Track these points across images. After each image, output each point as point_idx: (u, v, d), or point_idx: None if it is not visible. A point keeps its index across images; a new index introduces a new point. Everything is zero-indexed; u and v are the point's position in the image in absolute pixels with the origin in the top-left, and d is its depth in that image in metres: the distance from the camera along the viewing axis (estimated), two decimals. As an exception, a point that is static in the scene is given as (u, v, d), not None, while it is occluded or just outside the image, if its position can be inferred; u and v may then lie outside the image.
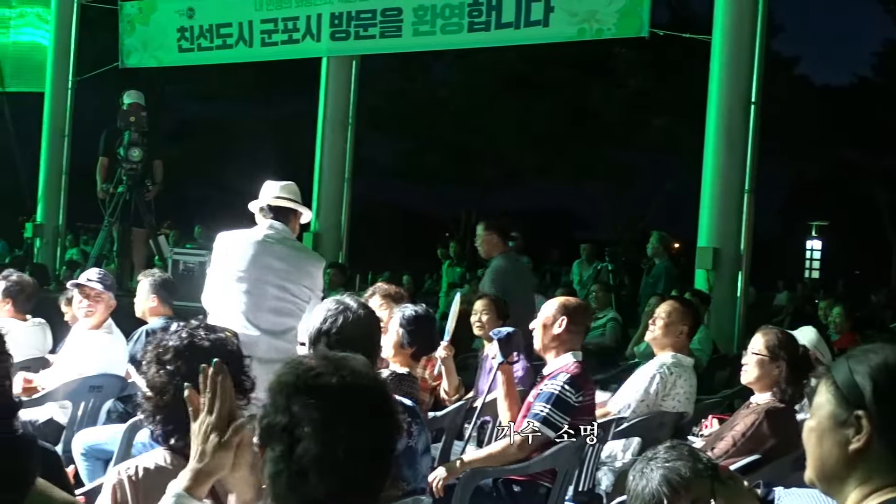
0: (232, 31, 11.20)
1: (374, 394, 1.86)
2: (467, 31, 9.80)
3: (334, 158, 11.64)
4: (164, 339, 2.78)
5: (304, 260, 5.05)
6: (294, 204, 5.14)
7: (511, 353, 4.72)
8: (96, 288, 5.82)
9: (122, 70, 12.20)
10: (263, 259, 4.87)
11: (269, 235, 4.95)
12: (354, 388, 1.82)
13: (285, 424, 1.78)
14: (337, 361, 1.86)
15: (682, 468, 2.38)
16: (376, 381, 1.90)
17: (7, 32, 13.59)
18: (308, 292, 4.97)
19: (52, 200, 13.10)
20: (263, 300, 4.85)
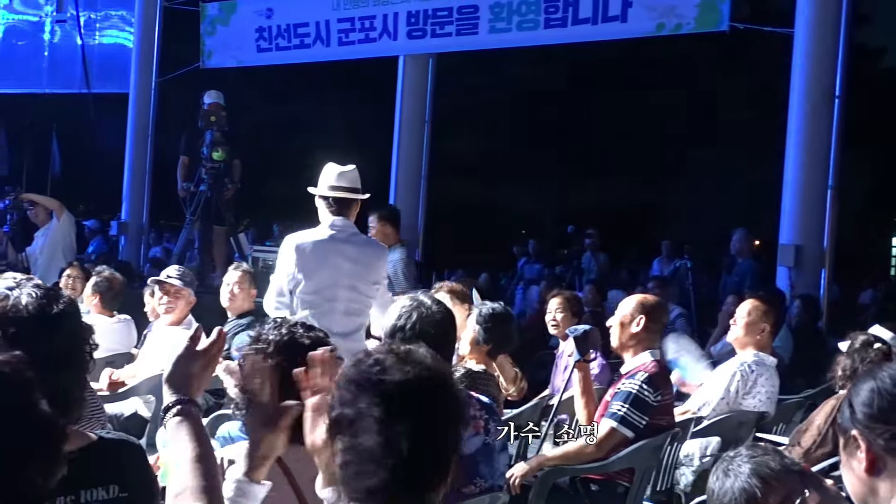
0: (309, 30, 11.31)
1: (439, 387, 1.87)
2: (543, 28, 9.76)
3: (411, 157, 11.68)
4: (263, 333, 2.83)
5: (371, 256, 5.04)
6: (352, 194, 5.04)
7: (588, 351, 4.69)
8: (176, 284, 5.93)
9: (203, 70, 12.40)
10: (334, 261, 4.87)
11: (334, 236, 4.92)
12: (421, 380, 1.84)
13: (351, 417, 1.82)
14: (403, 355, 1.88)
15: (771, 461, 2.31)
16: (442, 373, 1.91)
17: (93, 35, 13.92)
18: (376, 287, 5.00)
19: (136, 199, 13.38)
20: (336, 303, 4.88)
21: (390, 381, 1.83)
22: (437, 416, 1.84)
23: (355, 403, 1.82)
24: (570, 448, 4.46)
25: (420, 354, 1.90)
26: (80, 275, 7.18)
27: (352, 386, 1.85)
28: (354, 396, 1.83)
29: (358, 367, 1.88)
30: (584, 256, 11.99)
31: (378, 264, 5.06)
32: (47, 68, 14.50)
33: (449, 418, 1.87)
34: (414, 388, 1.83)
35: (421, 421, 1.81)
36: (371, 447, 1.78)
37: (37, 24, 14.50)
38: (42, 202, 10.25)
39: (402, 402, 1.81)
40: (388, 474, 1.77)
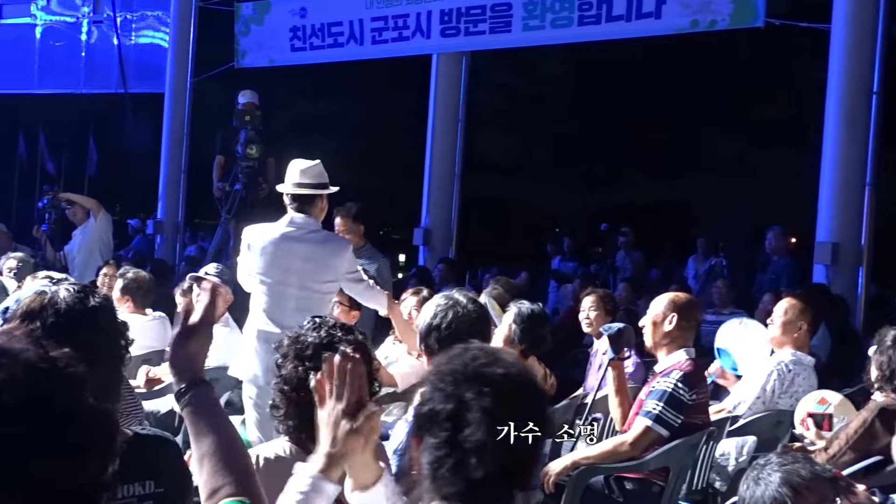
0: (343, 29, 11.34)
1: (533, 385, 1.95)
2: (577, 25, 9.72)
3: (444, 155, 11.68)
4: (302, 335, 2.84)
5: (324, 255, 4.99)
6: (315, 189, 5.05)
7: (622, 349, 4.68)
8: (214, 282, 5.97)
9: (238, 70, 12.47)
10: (284, 261, 4.90)
11: (288, 234, 4.94)
12: (518, 378, 1.90)
13: (451, 411, 1.83)
14: (496, 353, 1.94)
15: (801, 469, 2.30)
16: (530, 375, 1.97)
17: (129, 35, 14.04)
18: (333, 285, 4.99)
19: (172, 198, 13.48)
20: (285, 300, 4.89)
21: (496, 374, 1.86)
22: (534, 411, 1.88)
23: (457, 396, 1.84)
24: (605, 447, 4.44)
25: (508, 353, 1.98)
26: (116, 273, 7.26)
27: (453, 379, 1.87)
28: (456, 388, 1.85)
29: (455, 360, 1.91)
30: (618, 254, 11.94)
31: (334, 262, 4.98)
32: (84, 69, 14.63)
33: (542, 413, 1.92)
34: (515, 383, 1.88)
35: (520, 414, 1.84)
36: (471, 439, 1.79)
37: (74, 25, 14.64)
38: (80, 201, 10.36)
39: (506, 395, 1.84)
40: (486, 466, 1.79)
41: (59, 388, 1.29)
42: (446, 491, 1.84)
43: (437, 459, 1.84)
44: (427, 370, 2.00)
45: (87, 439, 1.28)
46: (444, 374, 1.89)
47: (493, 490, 1.82)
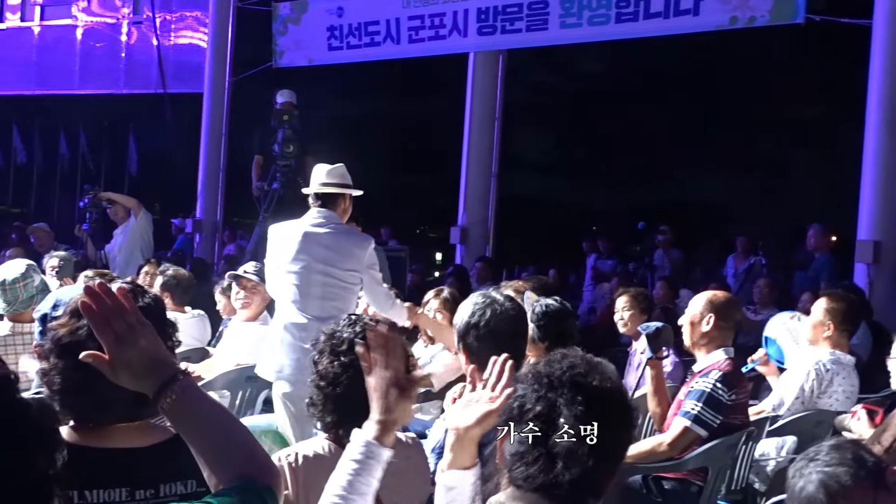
0: (379, 28, 11.37)
1: (624, 400, 2.00)
2: (615, 23, 9.69)
3: (481, 154, 11.67)
4: (338, 330, 2.86)
5: (346, 243, 5.09)
6: (338, 189, 5.19)
7: (660, 349, 4.65)
8: (253, 280, 6.01)
9: (276, 69, 12.55)
10: (308, 248, 5.00)
11: (313, 224, 5.08)
12: (611, 391, 1.95)
13: (542, 412, 1.89)
14: (595, 364, 1.99)
15: (843, 475, 2.25)
16: (623, 390, 2.03)
17: (168, 36, 14.16)
18: (356, 274, 5.05)
19: (211, 197, 13.59)
20: (310, 287, 4.97)
21: (590, 385, 1.92)
22: (621, 424, 1.96)
23: (550, 399, 1.90)
24: (643, 447, 4.42)
25: (607, 366, 2.01)
26: (157, 271, 7.32)
27: (546, 381, 1.93)
28: (550, 391, 1.91)
29: (554, 365, 1.96)
30: (655, 253, 11.87)
31: (356, 252, 5.06)
32: (124, 69, 14.78)
33: (628, 428, 2.00)
34: (608, 395, 1.93)
35: (608, 426, 1.89)
36: (567, 446, 1.86)
37: (114, 26, 14.80)
38: (120, 201, 10.46)
39: (598, 405, 1.90)
40: (571, 470, 1.85)
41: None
42: (521, 482, 1.90)
43: (520, 452, 1.90)
44: (525, 370, 2.04)
45: (32, 434, 1.31)
46: (541, 375, 1.95)
47: (569, 493, 1.87)
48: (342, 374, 2.75)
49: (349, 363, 2.71)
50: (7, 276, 4.89)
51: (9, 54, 15.48)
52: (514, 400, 1.97)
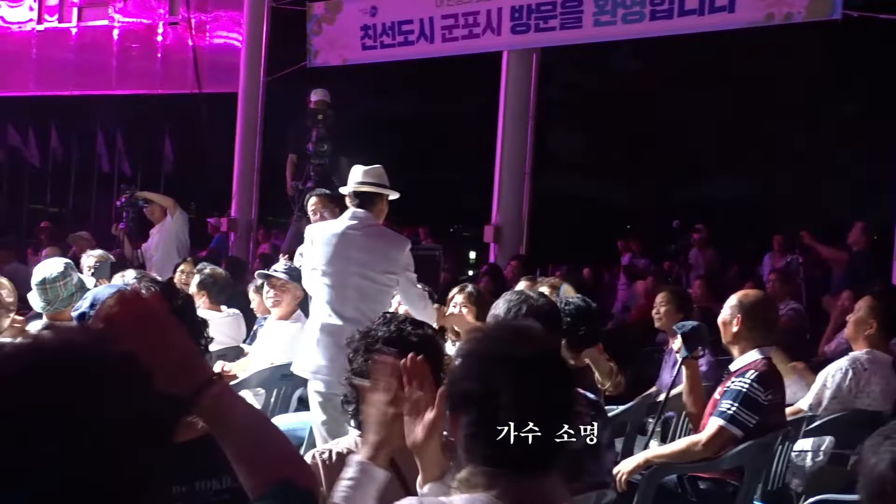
0: (413, 27, 11.38)
1: (558, 362, 1.99)
2: (649, 20, 9.63)
3: (515, 153, 11.64)
4: (373, 329, 2.87)
5: (384, 245, 5.13)
6: (376, 188, 5.22)
7: (696, 348, 4.62)
8: (282, 278, 6.04)
9: (310, 69, 12.60)
10: (345, 251, 5.03)
11: (350, 226, 5.11)
12: (543, 357, 1.93)
13: (481, 391, 1.89)
14: (521, 331, 1.99)
15: None
16: (556, 350, 2.04)
17: (204, 36, 14.27)
18: (393, 277, 5.08)
19: (245, 196, 13.67)
20: (346, 290, 5.00)
21: (519, 356, 1.91)
22: (561, 387, 1.94)
23: (485, 377, 1.90)
24: (678, 446, 4.40)
25: (535, 329, 2.01)
26: (193, 270, 7.37)
27: (481, 360, 1.93)
28: (484, 370, 1.91)
29: (484, 342, 1.96)
30: (690, 252, 11.80)
31: (393, 254, 5.11)
32: (160, 70, 14.90)
33: (569, 388, 1.98)
34: (541, 362, 1.92)
35: (548, 392, 1.89)
36: (503, 418, 1.85)
37: (150, 26, 14.92)
38: (157, 200, 10.54)
39: (533, 374, 1.89)
40: (521, 444, 1.84)
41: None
42: (482, 459, 1.90)
43: (471, 435, 1.90)
44: (459, 348, 2.03)
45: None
46: (475, 355, 1.95)
47: (524, 458, 1.86)
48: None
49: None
50: (46, 274, 4.95)
51: (47, 55, 15.65)
52: (452, 382, 1.98)
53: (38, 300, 4.97)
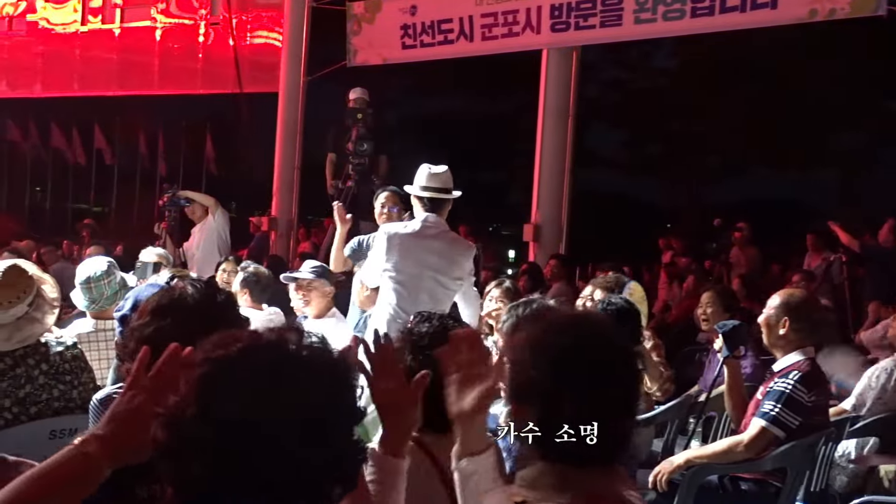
0: (453, 26, 11.37)
1: (626, 351, 1.99)
2: (690, 17, 9.55)
3: (555, 150, 11.60)
4: (414, 327, 2.89)
5: (456, 252, 5.27)
6: (444, 194, 5.32)
7: (737, 348, 4.59)
8: (307, 278, 6.07)
9: (350, 68, 12.64)
10: (420, 255, 5.16)
11: (424, 231, 5.22)
12: (613, 349, 1.95)
13: (549, 381, 1.91)
14: (589, 322, 2.02)
15: None
16: (623, 340, 2.02)
17: (245, 36, 14.36)
18: (460, 282, 5.24)
19: (286, 195, 13.75)
20: (419, 292, 5.13)
21: (591, 347, 1.93)
22: (623, 378, 1.95)
23: (547, 369, 1.91)
24: (720, 447, 4.37)
25: (599, 319, 2.07)
26: (235, 269, 7.42)
27: (541, 351, 1.94)
28: (550, 363, 1.92)
29: (547, 333, 1.97)
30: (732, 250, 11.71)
31: (462, 261, 5.27)
32: (201, 70, 15.02)
33: (632, 380, 1.98)
34: (613, 350, 1.94)
35: (619, 382, 1.91)
36: (566, 409, 1.86)
37: (191, 27, 15.05)
38: (198, 199, 10.61)
39: (601, 367, 1.91)
40: (592, 431, 1.86)
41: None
42: (546, 453, 1.91)
43: (537, 426, 1.91)
44: (520, 342, 2.03)
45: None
46: (537, 346, 1.96)
47: (591, 452, 1.87)
48: (420, 369, 2.78)
49: (428, 358, 2.74)
50: (90, 273, 5.01)
51: (91, 56, 15.84)
52: (514, 375, 1.97)
53: (82, 299, 5.03)
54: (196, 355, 1.51)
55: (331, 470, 1.42)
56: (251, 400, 1.37)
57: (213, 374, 1.41)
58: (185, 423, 1.38)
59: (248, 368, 1.41)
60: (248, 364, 1.41)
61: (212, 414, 1.37)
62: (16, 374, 3.73)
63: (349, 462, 1.46)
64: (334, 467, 1.42)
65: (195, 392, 1.41)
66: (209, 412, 1.37)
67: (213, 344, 1.48)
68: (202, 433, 1.36)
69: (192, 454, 1.37)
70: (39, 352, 3.84)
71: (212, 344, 1.49)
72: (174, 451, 1.38)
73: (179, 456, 1.38)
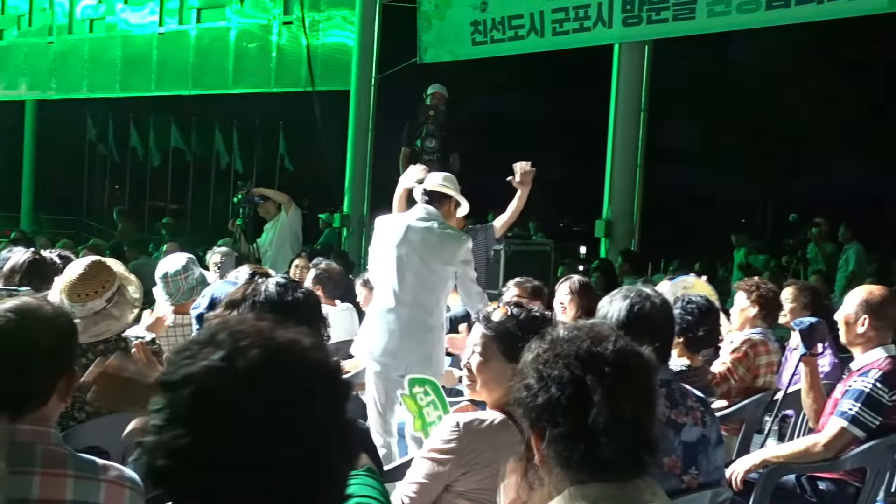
0: (523, 21, 11.35)
1: (641, 356, 1.93)
2: (765, 10, 9.40)
3: (626, 146, 11.52)
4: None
5: (444, 238, 5.35)
6: (448, 190, 5.51)
7: (814, 345, 4.51)
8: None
9: (420, 66, 12.69)
10: (409, 239, 5.28)
11: (419, 218, 5.36)
12: (628, 354, 1.90)
13: (572, 396, 1.83)
14: (599, 331, 1.94)
15: None
16: (634, 346, 1.95)
17: (317, 35, 14.50)
18: (450, 269, 5.32)
19: (357, 192, 13.86)
20: (406, 275, 5.26)
21: (609, 351, 1.88)
22: (649, 385, 1.91)
23: (576, 380, 1.84)
24: (797, 446, 4.29)
25: (607, 328, 1.96)
26: (308, 265, 7.51)
27: (561, 361, 1.86)
28: (572, 372, 1.84)
29: (560, 343, 1.90)
30: (809, 246, 11.51)
31: (450, 246, 5.33)
32: (275, 68, 15.19)
33: (654, 388, 1.92)
34: (627, 359, 1.89)
35: (638, 389, 1.86)
36: (606, 420, 1.80)
37: (265, 26, 15.23)
38: (272, 196, 10.76)
39: (622, 371, 1.86)
40: (616, 442, 1.81)
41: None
42: (579, 477, 1.83)
43: (564, 448, 1.83)
44: (526, 360, 1.94)
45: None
46: (551, 359, 1.88)
47: (625, 463, 1.83)
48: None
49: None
50: (169, 269, 5.12)
51: (168, 56, 16.13)
52: (530, 396, 1.88)
53: (161, 293, 5.14)
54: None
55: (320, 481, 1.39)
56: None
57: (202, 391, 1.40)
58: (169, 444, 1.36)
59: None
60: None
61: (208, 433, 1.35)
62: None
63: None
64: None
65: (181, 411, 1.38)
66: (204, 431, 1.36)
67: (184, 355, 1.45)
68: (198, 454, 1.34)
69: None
70: (120, 347, 3.92)
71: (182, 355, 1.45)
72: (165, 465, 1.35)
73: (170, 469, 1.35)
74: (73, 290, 3.89)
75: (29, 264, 4.65)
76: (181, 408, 1.32)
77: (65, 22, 17.00)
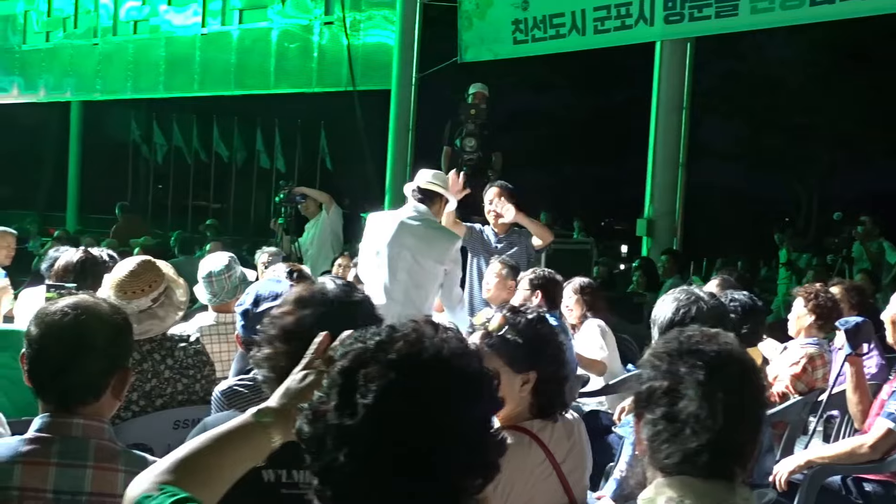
0: (565, 20, 11.30)
1: (746, 362, 2.00)
2: (809, 6, 9.28)
3: (668, 144, 11.46)
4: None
5: (437, 238, 5.43)
6: (438, 188, 5.58)
7: (860, 345, 4.47)
8: None
9: (460, 65, 12.69)
10: (401, 236, 5.35)
11: (409, 216, 5.43)
12: (731, 353, 1.98)
13: (667, 387, 1.94)
14: (712, 335, 2.03)
15: None
16: (745, 354, 2.03)
17: (358, 35, 14.54)
18: (440, 267, 5.38)
19: (398, 191, 13.88)
20: (398, 273, 5.31)
21: (710, 350, 1.96)
22: (745, 386, 1.96)
23: (673, 372, 1.94)
24: (842, 448, 4.25)
25: (725, 336, 2.04)
26: (349, 264, 7.56)
27: (666, 356, 1.98)
28: (671, 365, 1.95)
29: (672, 341, 2.01)
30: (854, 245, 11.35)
31: (441, 244, 5.41)
32: (316, 68, 15.26)
33: (754, 389, 1.99)
34: (727, 359, 1.96)
35: (731, 388, 1.91)
36: (692, 411, 1.88)
37: (306, 27, 15.31)
38: (313, 195, 10.82)
39: (721, 369, 1.93)
40: (700, 436, 1.87)
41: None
42: (665, 463, 1.92)
43: (655, 433, 1.93)
44: (646, 352, 2.07)
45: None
46: (661, 353, 1.99)
47: (709, 461, 1.88)
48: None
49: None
50: (212, 268, 5.16)
51: (211, 57, 16.26)
52: (640, 385, 2.00)
53: (204, 292, 5.19)
54: (335, 350, 1.58)
55: (465, 464, 1.44)
56: (389, 391, 1.42)
57: (352, 367, 1.47)
58: (328, 414, 1.45)
59: (385, 360, 1.45)
60: (386, 356, 1.46)
61: (351, 405, 1.42)
62: (143, 368, 3.88)
63: (484, 454, 1.48)
64: (468, 458, 1.44)
65: (336, 384, 1.47)
66: (349, 403, 1.42)
67: (352, 338, 1.55)
68: (343, 424, 1.42)
69: (334, 444, 1.42)
70: (165, 347, 3.98)
71: (351, 338, 1.56)
72: (318, 442, 1.44)
73: (322, 446, 1.44)
74: (121, 287, 3.95)
75: (81, 263, 4.71)
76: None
77: (109, 24, 17.17)
